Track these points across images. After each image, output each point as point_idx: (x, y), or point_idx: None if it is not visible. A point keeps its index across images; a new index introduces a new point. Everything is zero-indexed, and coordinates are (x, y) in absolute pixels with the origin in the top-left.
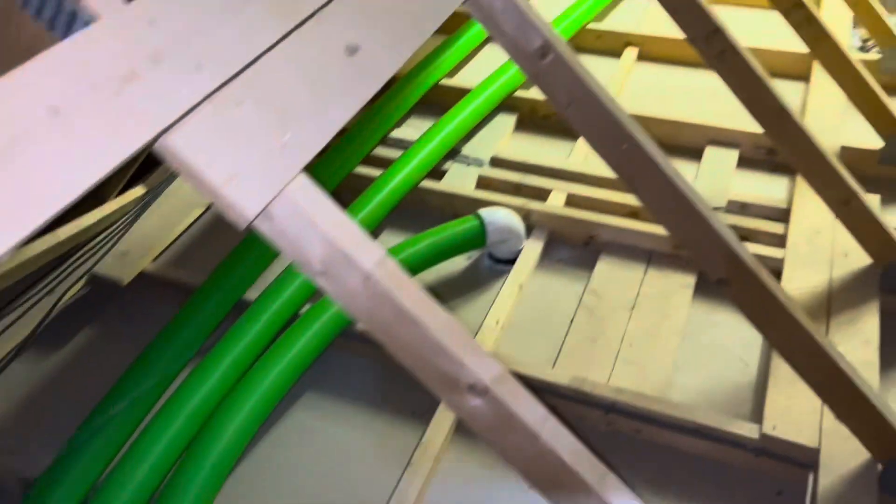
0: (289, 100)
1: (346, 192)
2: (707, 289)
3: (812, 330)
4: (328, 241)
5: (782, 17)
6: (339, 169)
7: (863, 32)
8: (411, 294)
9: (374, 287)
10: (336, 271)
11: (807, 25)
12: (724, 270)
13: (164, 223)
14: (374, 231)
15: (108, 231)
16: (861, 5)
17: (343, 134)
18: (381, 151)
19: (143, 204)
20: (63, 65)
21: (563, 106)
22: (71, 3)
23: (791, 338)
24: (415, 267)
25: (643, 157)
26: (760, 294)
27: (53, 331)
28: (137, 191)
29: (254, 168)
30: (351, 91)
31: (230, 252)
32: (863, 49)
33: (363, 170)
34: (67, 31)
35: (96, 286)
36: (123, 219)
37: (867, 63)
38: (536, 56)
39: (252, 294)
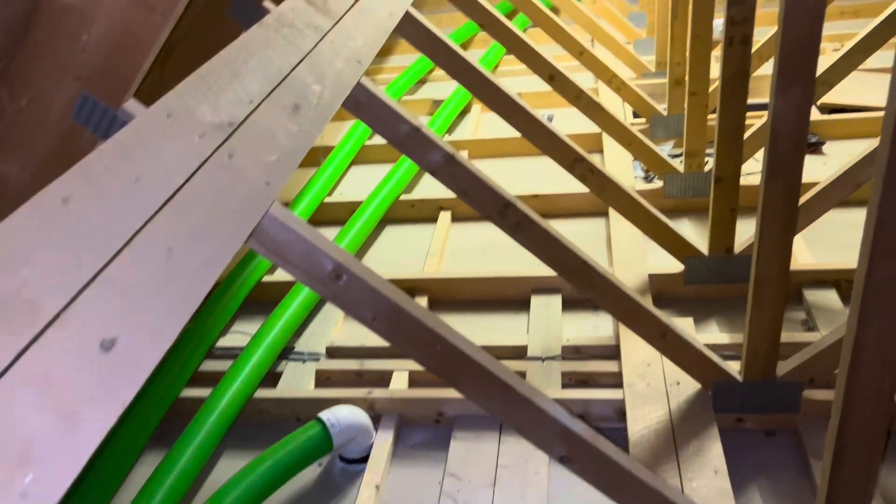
0: (30, 433)
1: (175, 422)
2: None
3: (660, 487)
4: None
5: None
6: (162, 397)
7: (643, 164)
8: None
9: None
10: None
11: (590, 176)
12: (563, 448)
13: None
14: (212, 456)
15: None
16: (634, 144)
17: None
18: (209, 365)
19: None
20: None
21: (368, 321)
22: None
23: (643, 501)
24: (261, 494)
25: (458, 355)
26: (603, 465)
27: None
28: None
29: None
30: (109, 397)
31: None
32: (647, 179)
33: (191, 391)
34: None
35: None
36: None
37: (652, 192)
38: (330, 279)
39: None
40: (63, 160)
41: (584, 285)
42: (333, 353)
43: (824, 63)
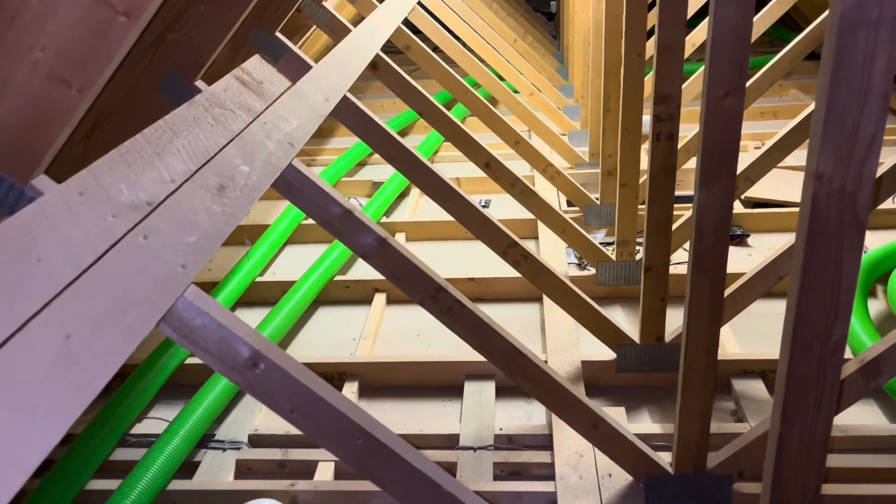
0: None
1: None
2: None
3: None
4: None
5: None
6: (66, 487)
7: (577, 251)
8: None
9: None
10: None
11: (524, 262)
12: None
13: None
14: None
15: None
16: (568, 231)
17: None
18: (121, 454)
19: None
20: None
21: (286, 412)
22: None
23: None
24: None
25: (381, 449)
26: None
27: None
28: None
29: None
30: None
31: None
32: (580, 265)
33: (99, 483)
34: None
35: None
36: None
37: (585, 279)
38: (247, 367)
39: None
40: None
41: (515, 373)
42: (256, 441)
43: (746, 160)
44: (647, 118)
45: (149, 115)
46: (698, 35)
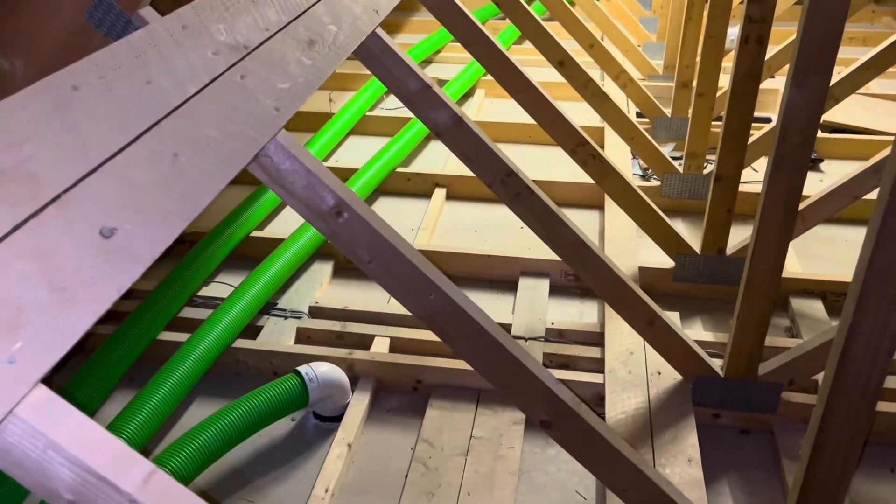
0: (21, 301)
1: (149, 363)
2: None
3: (637, 462)
4: (78, 464)
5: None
6: (138, 338)
7: (642, 162)
8: None
9: None
10: (92, 500)
11: (592, 161)
12: (546, 412)
13: None
14: (185, 400)
15: None
16: (637, 139)
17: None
18: (189, 313)
19: None
20: None
21: (364, 262)
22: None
23: (619, 473)
24: (232, 439)
25: (452, 307)
26: (583, 433)
27: None
28: None
29: None
30: (104, 282)
31: None
32: (644, 177)
33: (168, 335)
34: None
35: None
36: None
37: (649, 189)
38: (330, 216)
39: None
40: (70, 60)
41: (576, 263)
42: (316, 313)
43: (832, 79)
44: (731, 31)
45: None
46: None
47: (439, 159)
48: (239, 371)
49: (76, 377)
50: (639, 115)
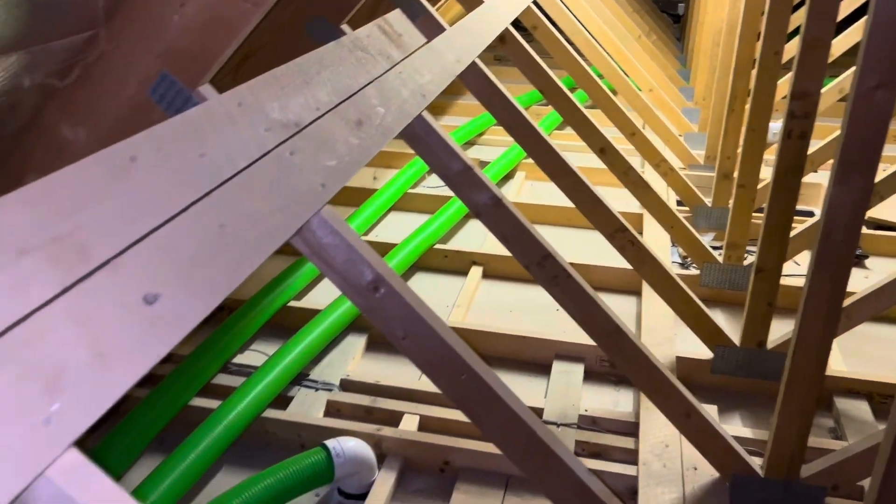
0: (62, 363)
1: (180, 427)
2: None
3: None
4: None
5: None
6: (170, 403)
7: (681, 250)
8: None
9: None
10: None
11: (630, 247)
12: None
13: None
14: (211, 468)
15: None
16: (676, 227)
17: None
18: (222, 379)
19: None
20: None
21: (398, 338)
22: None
23: None
24: None
25: (483, 389)
26: None
27: None
28: None
29: (3, 449)
30: (145, 347)
31: None
32: (683, 265)
33: (200, 401)
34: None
35: None
36: None
37: (688, 278)
38: (368, 290)
39: None
40: (131, 132)
41: (612, 349)
42: (347, 386)
43: (877, 176)
44: (772, 125)
45: (293, 54)
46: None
47: (477, 237)
48: (268, 441)
49: (107, 438)
50: (679, 203)
